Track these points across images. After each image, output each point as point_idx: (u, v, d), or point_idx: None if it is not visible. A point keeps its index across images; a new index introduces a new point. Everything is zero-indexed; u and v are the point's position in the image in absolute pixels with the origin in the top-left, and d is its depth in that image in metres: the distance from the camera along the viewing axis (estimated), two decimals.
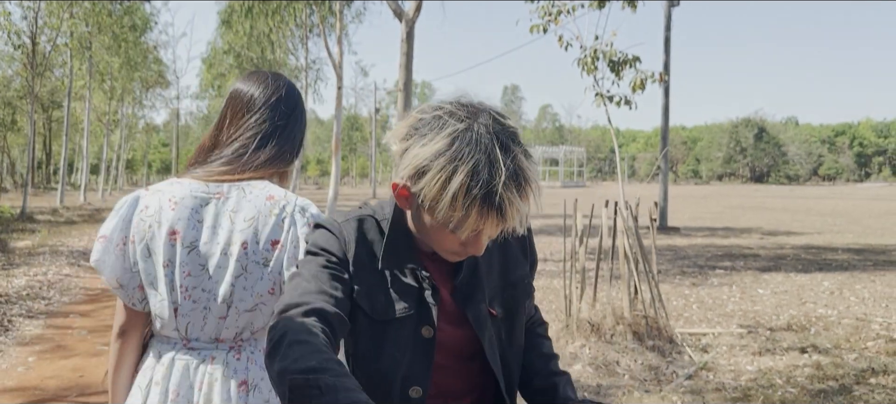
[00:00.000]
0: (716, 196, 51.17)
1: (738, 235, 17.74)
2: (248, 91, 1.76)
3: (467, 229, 1.13)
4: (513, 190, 1.10)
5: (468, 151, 1.09)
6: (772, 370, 5.31)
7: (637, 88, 6.10)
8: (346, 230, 1.29)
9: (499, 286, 1.35)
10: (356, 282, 1.26)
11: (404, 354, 1.26)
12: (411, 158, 1.14)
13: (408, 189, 1.17)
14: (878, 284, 9.64)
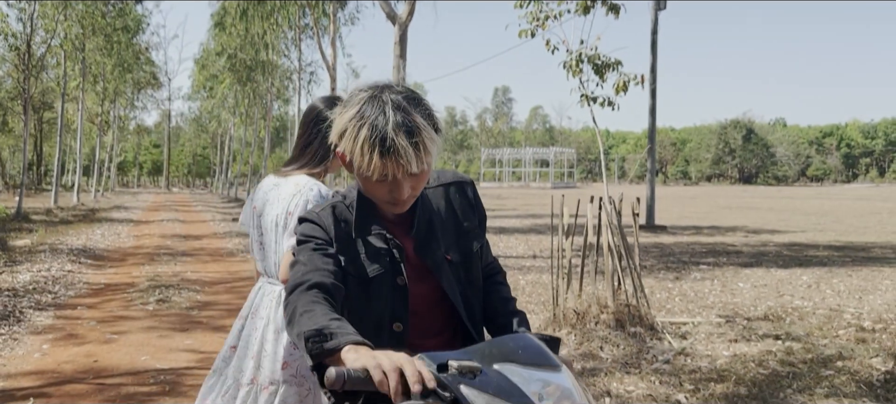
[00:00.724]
0: (704, 196, 51.71)
1: (724, 234, 18.15)
2: (303, 115, 2.61)
3: (375, 172, 1.46)
4: (403, 136, 1.42)
5: (369, 111, 1.44)
6: (746, 355, 5.65)
7: (620, 90, 6.44)
8: (323, 217, 1.62)
9: (453, 237, 1.69)
10: (341, 255, 1.59)
11: (386, 301, 1.60)
12: (336, 125, 1.50)
13: (342, 153, 1.53)
14: (854, 279, 10.02)
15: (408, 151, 1.43)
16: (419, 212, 1.65)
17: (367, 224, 1.62)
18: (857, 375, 5.06)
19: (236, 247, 14.15)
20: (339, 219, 1.63)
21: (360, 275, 1.59)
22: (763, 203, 39.13)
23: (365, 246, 1.61)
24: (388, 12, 12.63)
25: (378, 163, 1.43)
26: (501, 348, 1.31)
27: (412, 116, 1.45)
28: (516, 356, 1.30)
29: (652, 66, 19.15)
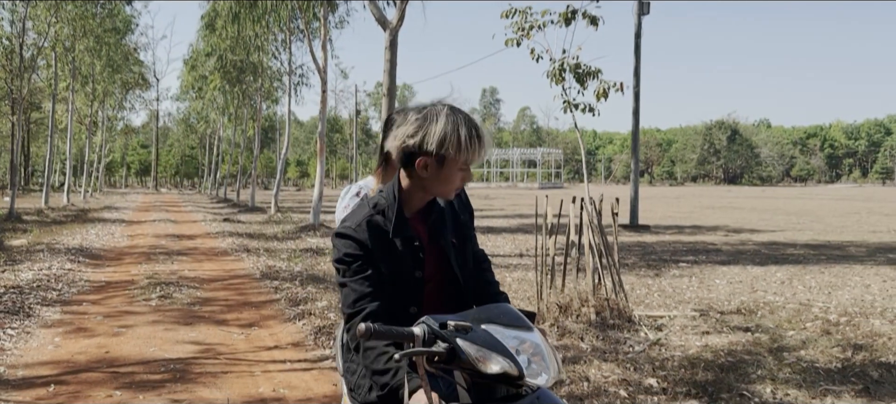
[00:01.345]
0: (688, 196, 52.37)
1: (705, 233, 18.63)
2: None
3: (473, 158, 1.98)
4: (484, 133, 1.99)
5: (460, 119, 1.96)
6: (716, 346, 6.06)
7: (600, 97, 6.84)
8: (360, 234, 2.00)
9: (453, 227, 2.15)
10: (380, 264, 2.00)
11: (407, 290, 2.04)
12: (433, 135, 1.93)
13: (430, 154, 1.95)
14: (826, 275, 10.48)
15: (488, 144, 2.01)
16: (434, 208, 2.11)
17: (400, 226, 2.04)
18: (817, 363, 5.48)
19: (230, 247, 14.46)
20: (375, 231, 2.01)
21: (393, 271, 2.02)
22: (746, 203, 39.77)
23: (398, 246, 2.03)
24: (378, 18, 12.99)
25: (477, 150, 1.96)
26: (487, 313, 1.72)
27: (482, 125, 2.02)
28: (499, 319, 1.70)
29: (635, 69, 19.62)
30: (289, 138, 27.25)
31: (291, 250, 13.58)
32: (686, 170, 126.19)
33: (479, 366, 1.65)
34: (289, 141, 27.32)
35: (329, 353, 5.73)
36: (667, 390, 4.75)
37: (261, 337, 6.31)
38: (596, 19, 6.68)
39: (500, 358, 1.64)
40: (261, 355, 5.72)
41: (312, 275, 10.04)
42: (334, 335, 2.72)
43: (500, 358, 1.64)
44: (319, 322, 6.80)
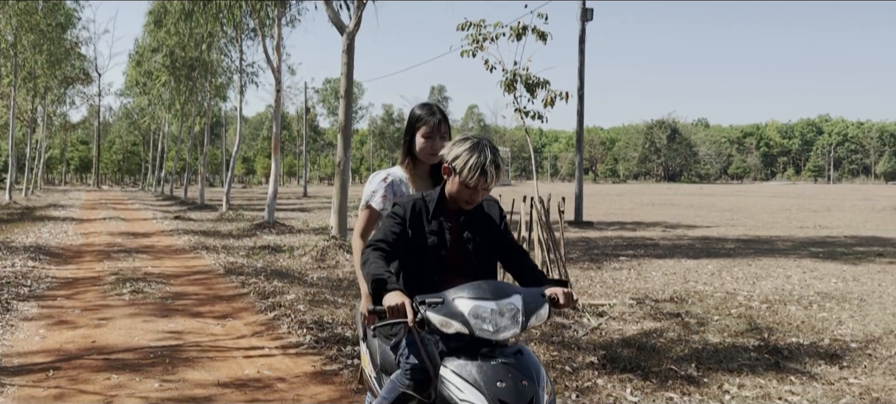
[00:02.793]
0: (630, 194, 54.00)
1: (645, 229, 19.63)
2: None
3: (473, 182, 2.61)
4: (492, 168, 2.60)
5: (476, 150, 2.60)
6: (651, 328, 6.79)
7: (548, 105, 7.51)
8: (406, 206, 2.74)
9: (481, 228, 2.82)
10: (411, 229, 2.69)
11: (433, 262, 2.71)
12: (455, 153, 2.62)
13: (447, 166, 2.64)
14: (752, 267, 11.42)
15: (493, 177, 2.61)
16: (471, 210, 2.78)
17: (438, 213, 2.73)
18: (737, 343, 6.25)
19: (187, 245, 14.72)
20: (416, 209, 2.74)
21: (421, 244, 2.70)
22: (684, 200, 41.38)
23: (432, 225, 2.72)
24: (335, 22, 13.45)
25: (478, 178, 2.59)
26: (472, 287, 2.37)
27: (497, 159, 2.64)
28: (480, 292, 2.34)
29: (580, 72, 20.50)
30: (240, 135, 27.37)
31: (249, 247, 13.94)
32: (628, 168, 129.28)
33: (442, 329, 2.38)
34: (240, 138, 27.43)
35: (303, 340, 6.26)
36: (606, 366, 5.43)
37: (237, 328, 6.78)
38: (545, 35, 7.33)
39: (455, 322, 2.35)
40: (240, 342, 6.21)
41: (276, 271, 10.49)
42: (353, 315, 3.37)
43: (455, 322, 2.35)
44: (291, 313, 7.31)
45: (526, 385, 2.30)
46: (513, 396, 2.25)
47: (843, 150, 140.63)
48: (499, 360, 2.34)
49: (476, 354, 2.37)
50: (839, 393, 4.84)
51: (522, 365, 2.35)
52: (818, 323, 7.11)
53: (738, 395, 4.78)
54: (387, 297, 2.39)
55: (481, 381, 2.28)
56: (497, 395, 2.25)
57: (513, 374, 2.30)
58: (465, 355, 2.38)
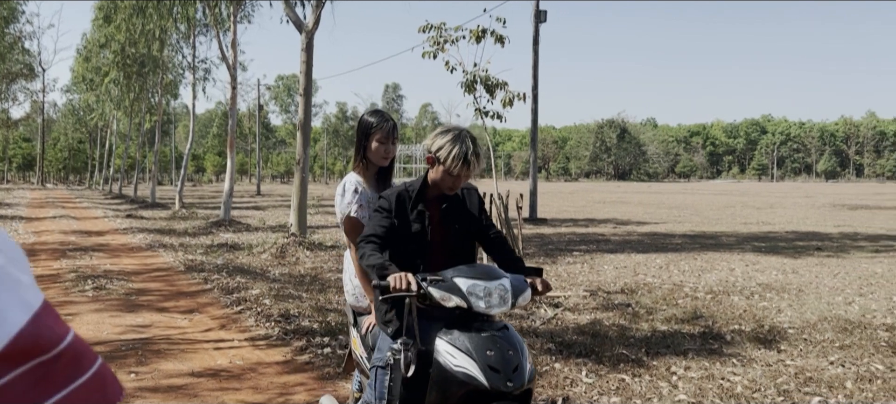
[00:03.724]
0: (582, 192, 55.00)
1: (597, 225, 20.18)
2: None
3: (456, 171, 2.83)
4: (474, 156, 2.82)
5: (459, 140, 2.84)
6: (603, 318, 7.16)
7: (506, 105, 7.83)
8: (391, 198, 2.94)
9: (459, 213, 3.06)
10: (397, 219, 2.90)
11: (417, 247, 2.94)
12: (439, 143, 2.86)
13: (432, 155, 2.87)
14: (698, 261, 11.94)
15: (474, 166, 2.87)
16: (450, 198, 3.02)
17: (419, 201, 2.95)
18: (683, 330, 6.65)
19: (143, 243, 14.65)
20: (401, 199, 2.95)
21: (406, 231, 2.92)
22: (634, 198, 42.36)
23: (414, 214, 2.94)
24: (294, 21, 13.55)
25: (461, 167, 2.84)
26: (467, 269, 2.68)
27: (477, 149, 2.90)
28: (474, 273, 2.63)
29: (534, 73, 20.93)
30: (193, 132, 27.13)
31: (206, 245, 13.96)
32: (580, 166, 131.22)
33: (443, 303, 2.64)
34: (193, 135, 27.18)
35: (272, 333, 6.44)
36: (562, 352, 5.76)
37: (204, 322, 6.92)
38: (503, 38, 7.64)
39: (454, 297, 2.62)
40: (208, 335, 6.36)
41: (237, 267, 10.59)
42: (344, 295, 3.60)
43: (454, 297, 2.62)
44: (257, 307, 7.47)
45: (512, 354, 2.59)
46: (500, 363, 2.54)
47: (785, 150, 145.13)
48: (488, 333, 2.62)
49: (467, 328, 2.65)
50: (776, 374, 5.25)
51: (508, 337, 2.65)
52: (759, 311, 7.57)
53: (685, 376, 5.15)
54: (390, 275, 2.63)
55: (473, 349, 2.57)
56: (487, 362, 2.54)
57: (500, 345, 2.59)
58: (457, 329, 2.65)
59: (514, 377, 2.56)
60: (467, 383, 2.56)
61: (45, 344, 0.63)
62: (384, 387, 2.84)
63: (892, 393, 4.81)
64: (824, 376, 5.19)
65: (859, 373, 5.25)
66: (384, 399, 2.83)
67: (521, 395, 2.61)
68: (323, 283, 9.15)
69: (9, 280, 0.63)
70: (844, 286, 9.27)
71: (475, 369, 2.54)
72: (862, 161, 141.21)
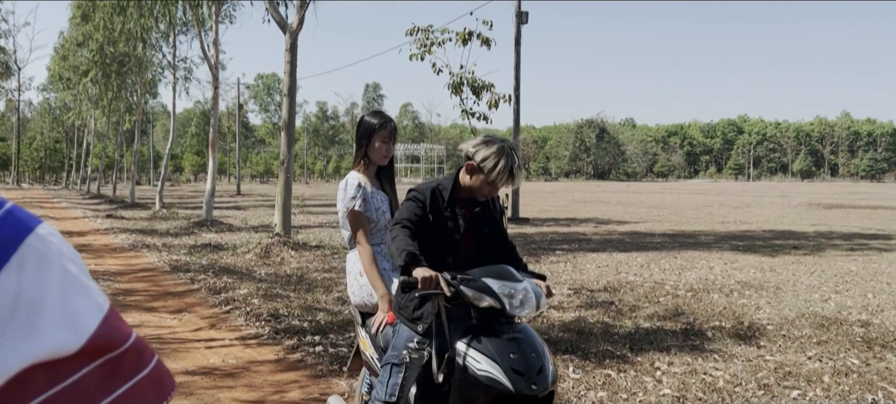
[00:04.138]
0: (562, 191, 55.35)
1: (578, 225, 20.39)
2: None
3: (500, 181, 2.93)
4: (518, 169, 2.94)
5: (505, 154, 2.92)
6: (588, 315, 7.31)
7: (492, 107, 7.95)
8: (425, 191, 3.02)
9: (488, 217, 3.16)
10: (431, 214, 2.98)
11: (448, 244, 3.01)
12: (483, 154, 2.92)
13: (473, 164, 2.94)
14: (678, 260, 12.15)
15: (517, 178, 3.00)
16: (482, 202, 3.12)
17: (453, 201, 3.05)
18: (665, 327, 6.82)
19: (126, 243, 14.59)
20: (436, 195, 3.04)
21: (439, 226, 3.00)
22: (613, 197, 42.75)
23: (449, 212, 3.02)
24: (279, 21, 13.58)
25: (503, 177, 2.94)
26: (491, 269, 2.75)
27: (520, 160, 3.01)
28: (497, 274, 2.72)
29: (516, 73, 21.10)
30: (173, 132, 26.98)
31: (190, 245, 13.94)
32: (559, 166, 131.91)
33: (475, 302, 2.65)
34: (173, 135, 27.04)
35: (262, 332, 6.51)
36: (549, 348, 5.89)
37: (193, 321, 6.97)
38: (489, 41, 7.76)
39: (488, 297, 2.63)
40: (199, 334, 6.41)
41: (223, 268, 10.61)
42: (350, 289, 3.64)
43: (487, 298, 2.63)
44: (246, 306, 7.52)
45: (534, 356, 2.58)
46: (524, 365, 2.53)
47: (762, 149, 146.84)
48: (510, 335, 2.63)
49: (489, 332, 2.64)
50: (756, 368, 5.42)
51: (529, 339, 2.66)
52: (738, 308, 7.76)
53: (668, 371, 5.30)
54: (418, 271, 2.62)
55: (496, 353, 2.55)
56: (510, 365, 2.52)
57: (522, 347, 2.58)
58: (479, 333, 2.65)
59: (538, 380, 2.53)
60: (492, 387, 2.53)
61: (114, 343, 0.72)
62: (396, 385, 2.81)
63: (867, 386, 4.99)
64: (803, 370, 5.36)
65: (836, 368, 5.43)
66: (395, 396, 2.80)
67: (546, 397, 2.59)
68: (310, 283, 9.21)
69: (82, 287, 0.72)
70: (821, 283, 9.50)
71: (499, 373, 2.52)
72: (836, 160, 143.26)
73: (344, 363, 5.33)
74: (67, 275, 0.71)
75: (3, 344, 0.63)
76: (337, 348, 5.84)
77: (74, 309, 0.70)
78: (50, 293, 0.69)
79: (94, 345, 0.70)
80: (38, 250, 0.70)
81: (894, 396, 4.79)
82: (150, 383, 0.74)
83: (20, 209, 0.71)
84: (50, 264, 0.70)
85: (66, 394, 0.67)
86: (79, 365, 0.69)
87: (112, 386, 0.71)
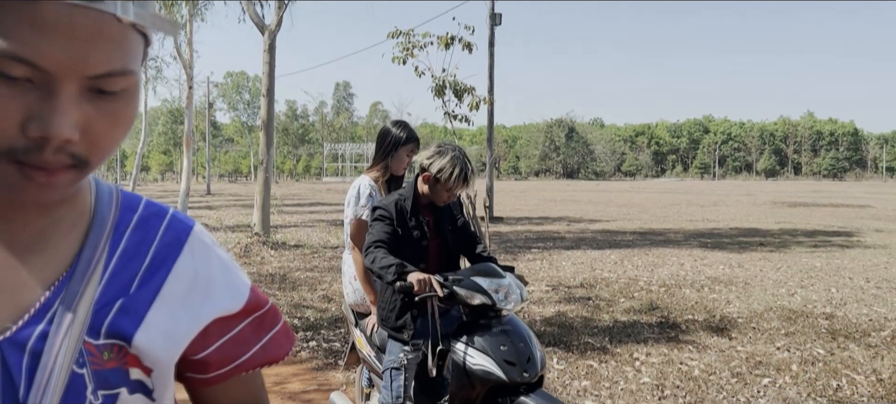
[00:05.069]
0: (533, 190, 55.88)
1: (551, 223, 20.74)
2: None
3: (455, 187, 3.07)
4: (471, 174, 3.08)
5: (458, 161, 3.08)
6: (566, 310, 7.58)
7: (473, 109, 8.17)
8: (390, 208, 3.14)
9: (449, 219, 3.32)
10: (398, 227, 3.13)
11: (417, 251, 3.16)
12: (438, 165, 3.07)
13: (429, 175, 3.09)
14: (649, 256, 12.50)
15: (470, 182, 3.14)
16: (443, 206, 3.26)
17: (415, 210, 3.18)
18: (641, 320, 7.11)
19: None
20: (398, 207, 3.15)
21: (407, 237, 3.14)
22: (584, 196, 43.31)
23: (413, 222, 3.16)
24: (257, 22, 13.66)
25: (459, 184, 3.07)
26: (476, 268, 2.96)
27: (472, 166, 3.16)
28: (482, 272, 2.92)
29: (490, 74, 21.38)
30: (145, 131, 26.78)
31: None
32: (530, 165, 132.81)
33: (468, 300, 2.85)
34: (145, 134, 26.85)
35: None
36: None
37: None
38: (471, 45, 7.98)
39: (479, 295, 2.84)
40: None
41: None
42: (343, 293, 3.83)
43: (479, 295, 2.84)
44: None
45: (523, 345, 2.78)
46: (514, 355, 2.74)
47: (727, 148, 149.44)
48: (499, 328, 2.83)
49: (479, 328, 2.84)
50: (729, 358, 5.72)
51: (517, 330, 2.87)
52: (709, 303, 8.09)
53: (647, 361, 5.58)
54: (412, 276, 2.78)
55: (488, 348, 2.76)
56: (502, 356, 2.73)
57: (512, 338, 2.80)
58: (471, 329, 2.86)
59: (528, 367, 2.74)
60: (487, 379, 2.73)
61: (260, 305, 0.94)
62: (400, 387, 3.00)
63: (832, 373, 5.32)
64: (772, 360, 5.68)
65: (803, 357, 5.76)
66: (401, 397, 3.00)
67: (537, 382, 2.80)
68: (293, 282, 9.36)
69: (234, 267, 0.94)
70: (787, 279, 9.90)
71: (493, 365, 2.72)
72: (800, 159, 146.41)
73: (339, 357, 5.53)
74: (220, 258, 0.92)
75: (191, 308, 0.85)
76: (330, 343, 6.04)
77: (233, 282, 0.91)
78: (215, 271, 0.90)
79: (248, 307, 0.92)
80: (200, 240, 0.90)
81: (856, 382, 5.13)
82: (283, 333, 0.97)
83: (178, 212, 0.92)
84: (209, 250, 0.91)
85: (233, 341, 0.90)
86: (239, 321, 0.91)
87: (260, 335, 0.93)
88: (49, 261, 0.76)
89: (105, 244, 0.80)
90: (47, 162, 0.65)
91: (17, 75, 0.62)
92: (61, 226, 0.78)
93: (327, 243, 14.16)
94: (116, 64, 0.66)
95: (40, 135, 0.64)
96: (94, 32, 0.63)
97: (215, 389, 0.93)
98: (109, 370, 0.76)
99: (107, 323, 0.76)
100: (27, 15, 0.61)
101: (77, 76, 0.64)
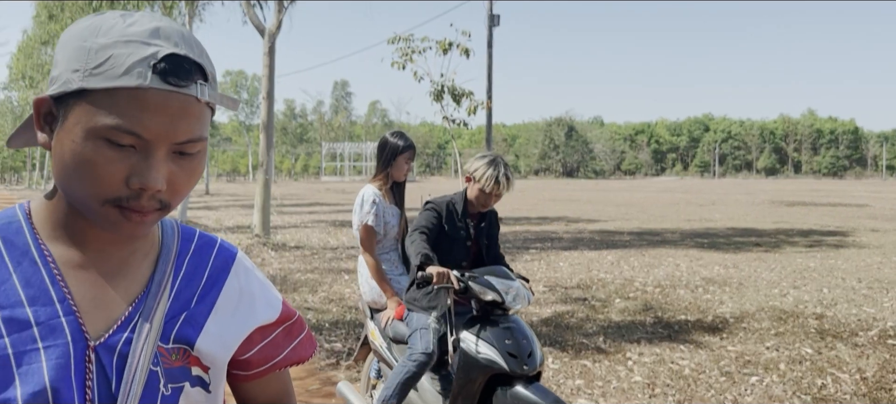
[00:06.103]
0: (532, 190, 56.02)
1: (549, 223, 20.90)
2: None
3: (493, 191, 3.36)
4: (505, 178, 3.37)
5: (494, 164, 3.43)
6: (563, 310, 7.73)
7: (471, 113, 8.34)
8: (440, 203, 3.48)
9: (490, 227, 3.60)
10: (445, 224, 3.42)
11: (461, 250, 3.46)
12: (475, 166, 3.42)
13: (471, 177, 3.40)
14: (646, 257, 12.66)
15: (504, 186, 3.44)
16: (486, 214, 3.59)
17: (465, 213, 3.48)
18: (636, 320, 7.27)
19: None
20: (449, 208, 3.49)
21: (454, 234, 3.45)
22: (582, 195, 43.46)
23: (462, 223, 3.47)
24: (257, 25, 13.81)
25: (493, 186, 3.34)
26: (490, 269, 3.25)
27: (508, 172, 3.46)
28: (495, 273, 3.21)
29: (488, 74, 21.52)
30: None
31: None
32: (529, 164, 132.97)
33: (481, 296, 3.14)
34: None
35: None
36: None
37: None
38: (469, 51, 8.14)
39: (491, 292, 3.13)
40: None
41: None
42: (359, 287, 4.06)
43: (490, 292, 3.13)
44: None
45: (525, 342, 3.09)
46: (517, 349, 3.04)
47: (727, 147, 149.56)
48: (505, 325, 3.14)
49: (487, 322, 3.15)
50: (719, 357, 5.88)
51: (521, 328, 3.18)
52: (703, 303, 8.25)
53: (639, 361, 5.74)
54: (431, 268, 3.12)
55: (494, 340, 3.07)
56: (506, 349, 3.04)
57: (515, 334, 3.11)
58: (479, 323, 3.16)
59: (528, 361, 3.03)
60: (490, 367, 3.03)
61: (290, 315, 1.15)
62: (429, 340, 3.35)
63: (818, 372, 5.48)
64: (761, 359, 5.84)
65: (791, 356, 5.92)
66: (430, 347, 3.34)
67: (535, 376, 3.10)
68: (294, 284, 9.51)
69: (269, 285, 1.14)
70: (780, 279, 10.05)
71: (497, 356, 3.02)
72: (800, 158, 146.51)
73: (341, 358, 5.69)
74: (259, 278, 1.13)
75: (239, 318, 1.05)
76: (331, 344, 6.19)
77: (270, 297, 1.12)
78: (256, 289, 1.10)
79: (282, 318, 1.12)
80: (243, 264, 1.11)
81: (841, 380, 5.29)
82: (308, 339, 1.18)
83: (224, 241, 1.11)
84: (250, 272, 1.12)
85: (270, 344, 1.11)
86: (274, 329, 1.11)
87: (290, 340, 1.14)
88: (130, 283, 0.95)
89: (171, 268, 0.99)
90: (142, 206, 0.86)
91: (125, 143, 0.83)
92: (138, 254, 0.97)
93: (327, 244, 14.30)
94: (195, 133, 0.87)
95: (140, 187, 0.84)
96: (181, 110, 0.85)
97: (254, 384, 1.14)
98: (177, 368, 0.95)
99: (175, 331, 0.96)
100: (137, 99, 0.82)
101: (167, 142, 0.85)
